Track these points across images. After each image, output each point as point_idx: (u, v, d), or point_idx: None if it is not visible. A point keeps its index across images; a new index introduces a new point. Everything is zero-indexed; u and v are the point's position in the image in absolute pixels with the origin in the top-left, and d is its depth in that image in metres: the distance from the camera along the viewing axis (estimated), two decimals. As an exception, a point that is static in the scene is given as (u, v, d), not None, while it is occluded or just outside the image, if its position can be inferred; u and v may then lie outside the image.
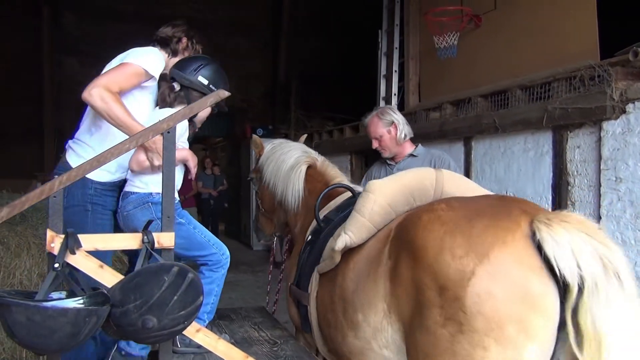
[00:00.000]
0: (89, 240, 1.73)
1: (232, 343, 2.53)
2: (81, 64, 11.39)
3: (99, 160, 1.74)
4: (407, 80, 7.08)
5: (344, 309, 2.21)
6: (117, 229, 2.64)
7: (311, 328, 2.58)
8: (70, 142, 2.71)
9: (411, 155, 3.45)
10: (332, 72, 10.49)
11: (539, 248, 1.62)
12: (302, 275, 2.54)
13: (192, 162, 2.68)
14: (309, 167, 3.06)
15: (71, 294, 1.65)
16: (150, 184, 2.55)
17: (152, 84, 2.69)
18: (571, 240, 1.54)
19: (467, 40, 6.19)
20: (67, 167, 2.46)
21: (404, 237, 1.92)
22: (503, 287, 1.58)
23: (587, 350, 1.50)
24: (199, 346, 2.08)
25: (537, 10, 5.37)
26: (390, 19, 7.33)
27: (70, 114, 11.29)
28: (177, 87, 2.68)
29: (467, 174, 5.90)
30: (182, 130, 2.59)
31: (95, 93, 2.31)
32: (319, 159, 3.14)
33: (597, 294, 1.49)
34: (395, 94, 7.22)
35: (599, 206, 4.32)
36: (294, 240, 2.99)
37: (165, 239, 1.81)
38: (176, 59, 2.81)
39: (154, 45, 2.83)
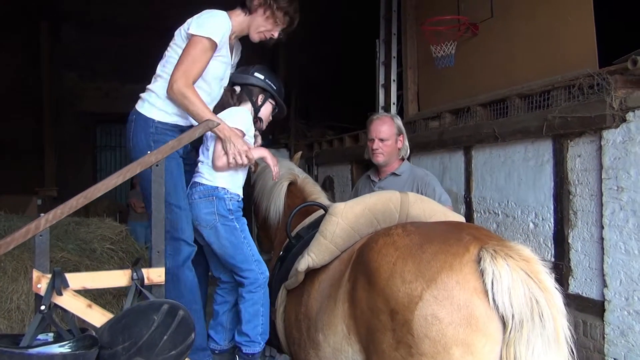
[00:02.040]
0: (77, 279, 1.70)
1: None
2: (80, 78, 11.41)
3: (86, 197, 1.71)
4: (405, 89, 7.05)
5: (307, 327, 2.26)
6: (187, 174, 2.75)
7: (279, 343, 2.69)
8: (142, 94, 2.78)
9: (394, 174, 3.35)
10: (331, 82, 10.46)
11: None
12: (271, 290, 2.58)
13: (271, 160, 2.80)
14: (290, 184, 3.15)
15: (59, 336, 1.62)
16: (218, 178, 2.67)
17: (221, 52, 2.68)
18: (510, 277, 1.60)
19: (464, 49, 6.16)
20: (137, 115, 2.61)
21: (361, 260, 1.97)
22: (449, 311, 1.62)
23: None
24: None
25: (534, 18, 5.34)
26: (388, 28, 7.30)
27: (70, 128, 11.36)
28: (237, 89, 2.88)
29: (468, 183, 5.87)
30: (248, 126, 2.73)
31: (177, 91, 2.43)
32: (301, 176, 3.23)
33: (521, 332, 1.56)
34: (394, 103, 7.19)
35: (601, 215, 4.27)
36: (275, 255, 3.03)
37: (154, 275, 1.77)
38: (254, 16, 2.72)
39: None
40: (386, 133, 3.28)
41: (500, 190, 5.40)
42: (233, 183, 2.67)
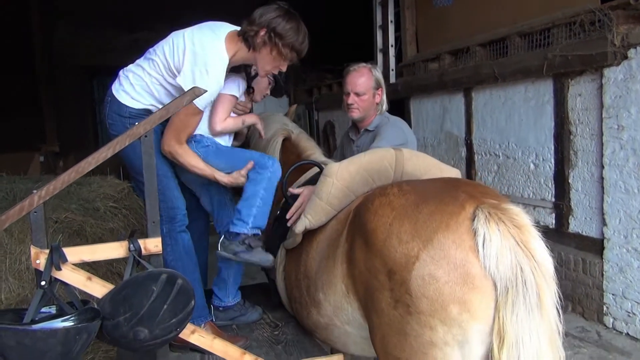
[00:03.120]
0: (75, 253, 1.72)
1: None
2: (74, 29, 11.16)
3: (77, 171, 1.71)
4: (403, 30, 6.88)
5: (307, 286, 2.30)
6: None
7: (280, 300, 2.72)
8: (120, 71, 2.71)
9: (366, 130, 3.12)
10: (327, 24, 10.20)
11: None
12: (269, 249, 2.59)
13: (262, 127, 2.89)
14: (285, 139, 3.09)
15: (61, 309, 1.65)
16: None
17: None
18: (499, 243, 1.60)
19: (463, -14, 5.97)
20: (112, 98, 2.57)
21: (358, 220, 1.98)
22: (445, 270, 1.64)
23: (495, 341, 1.61)
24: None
25: (534, -49, 5.13)
26: (384, -34, 7.05)
27: (66, 83, 11.23)
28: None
29: (469, 125, 5.82)
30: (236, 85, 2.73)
31: (169, 152, 2.47)
32: (295, 131, 3.15)
33: (506, 298, 1.58)
34: (392, 45, 7.03)
35: (602, 155, 4.26)
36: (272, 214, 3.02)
37: (151, 245, 1.79)
38: (261, 54, 2.46)
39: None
40: (363, 86, 2.98)
41: (500, 131, 5.36)
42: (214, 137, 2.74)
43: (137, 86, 2.50)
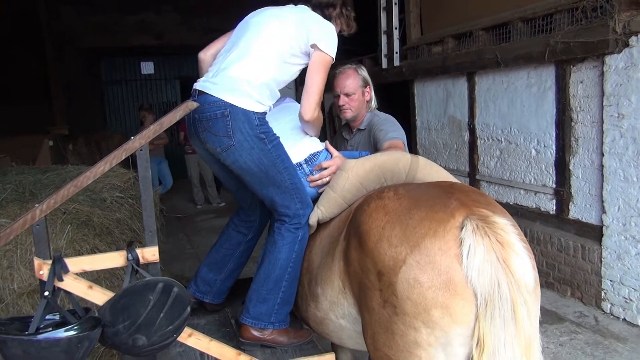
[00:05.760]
0: (76, 263, 1.81)
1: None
2: (79, 13, 11.18)
3: (76, 185, 1.78)
4: (407, 12, 6.82)
5: (309, 280, 2.39)
6: None
7: None
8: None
9: (359, 129, 3.17)
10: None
11: None
12: None
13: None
14: None
15: (64, 318, 1.75)
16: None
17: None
18: (482, 256, 1.66)
19: (467, -32, 5.90)
20: (233, 108, 2.26)
21: (355, 221, 2.06)
22: (429, 276, 1.71)
23: (475, 349, 1.68)
24: None
25: None
26: (388, -53, 6.97)
27: (73, 66, 11.29)
28: None
29: (471, 110, 5.82)
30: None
31: (313, 119, 2.38)
32: None
33: (485, 309, 1.65)
34: (396, 27, 6.98)
35: (602, 143, 4.27)
36: None
37: (149, 254, 1.87)
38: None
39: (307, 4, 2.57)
40: (351, 87, 3.03)
41: (503, 117, 5.37)
42: None
43: (253, 81, 2.34)
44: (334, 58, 2.40)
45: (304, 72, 2.45)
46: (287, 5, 2.56)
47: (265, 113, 2.33)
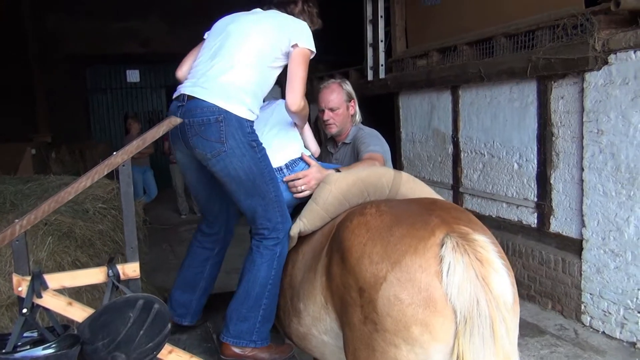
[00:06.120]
0: (55, 279, 1.80)
1: None
2: (64, 19, 11.10)
3: (57, 201, 1.78)
4: (393, 25, 6.90)
5: (291, 296, 2.39)
6: None
7: None
8: None
9: (344, 143, 3.20)
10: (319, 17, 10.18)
11: None
12: None
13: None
14: None
15: (42, 335, 1.73)
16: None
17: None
18: (461, 274, 1.68)
19: (451, -16, 5.99)
20: (226, 114, 2.28)
21: (337, 237, 2.08)
22: (409, 293, 1.72)
23: None
24: None
25: (521, -49, 5.15)
26: (374, -40, 7.05)
27: (58, 73, 11.19)
28: None
29: (455, 123, 5.89)
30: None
31: (300, 110, 2.40)
32: None
33: (464, 326, 1.66)
34: (382, 40, 7.05)
35: (582, 158, 4.34)
36: None
37: (129, 270, 1.87)
38: None
39: (268, 8, 2.60)
40: (335, 102, 3.05)
41: (486, 130, 5.43)
42: None
43: (247, 88, 2.38)
44: (314, 51, 2.44)
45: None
46: (254, 9, 2.59)
47: (253, 122, 2.35)
